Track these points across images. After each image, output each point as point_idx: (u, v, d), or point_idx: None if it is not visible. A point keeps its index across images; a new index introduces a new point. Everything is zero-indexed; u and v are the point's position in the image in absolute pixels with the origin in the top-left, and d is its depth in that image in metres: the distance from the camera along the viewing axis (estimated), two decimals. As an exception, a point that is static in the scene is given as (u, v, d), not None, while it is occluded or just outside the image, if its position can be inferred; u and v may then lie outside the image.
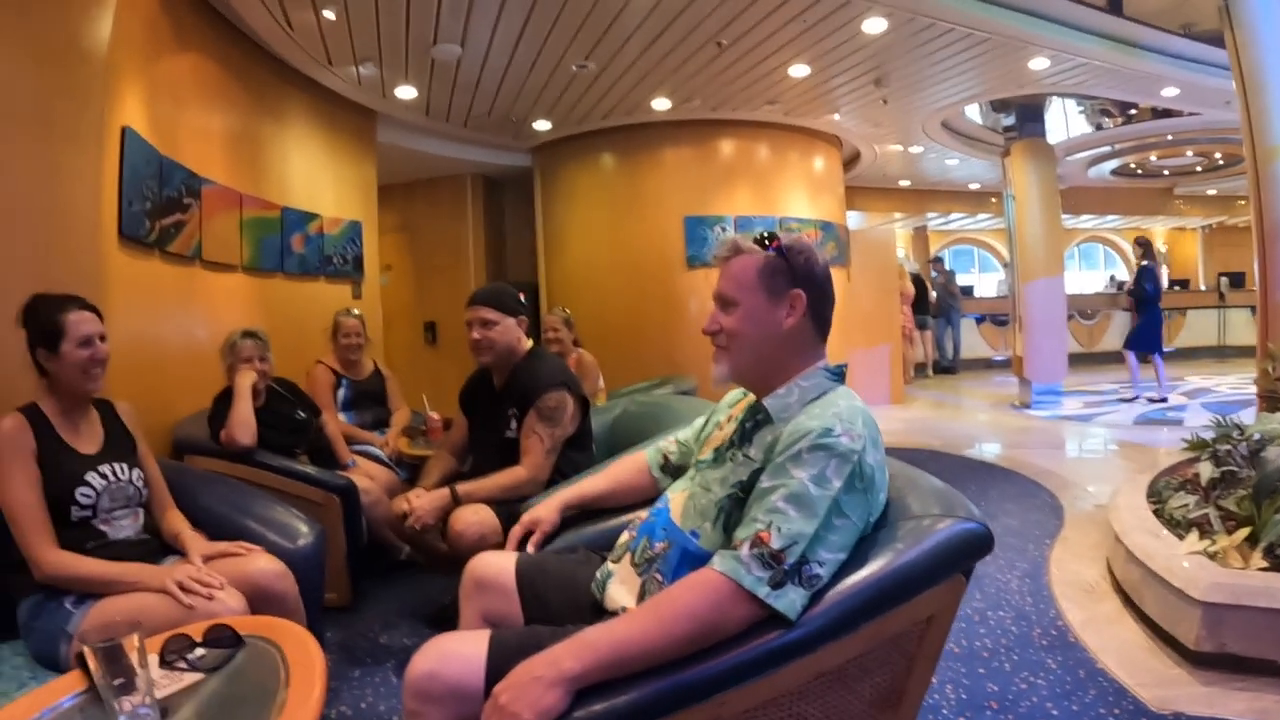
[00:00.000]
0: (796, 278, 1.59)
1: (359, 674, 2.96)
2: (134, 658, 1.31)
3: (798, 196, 8.77)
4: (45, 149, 3.01)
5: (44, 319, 2.27)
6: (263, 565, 2.25)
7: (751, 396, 1.70)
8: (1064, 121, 10.26)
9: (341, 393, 4.66)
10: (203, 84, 4.67)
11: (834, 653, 1.35)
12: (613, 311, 8.03)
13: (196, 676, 1.54)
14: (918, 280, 13.11)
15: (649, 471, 2.11)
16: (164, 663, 1.57)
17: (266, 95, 5.54)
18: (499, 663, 1.40)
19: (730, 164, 8.37)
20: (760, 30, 5.73)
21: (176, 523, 2.46)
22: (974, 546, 1.41)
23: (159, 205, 3.92)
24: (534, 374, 2.93)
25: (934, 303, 13.21)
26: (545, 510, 2.14)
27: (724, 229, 8.09)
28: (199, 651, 1.62)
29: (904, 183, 13.08)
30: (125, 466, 2.36)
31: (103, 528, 2.26)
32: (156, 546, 2.38)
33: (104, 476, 2.29)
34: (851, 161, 10.48)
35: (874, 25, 5.68)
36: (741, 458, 1.57)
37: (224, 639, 1.66)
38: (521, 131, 8.17)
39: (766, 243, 1.61)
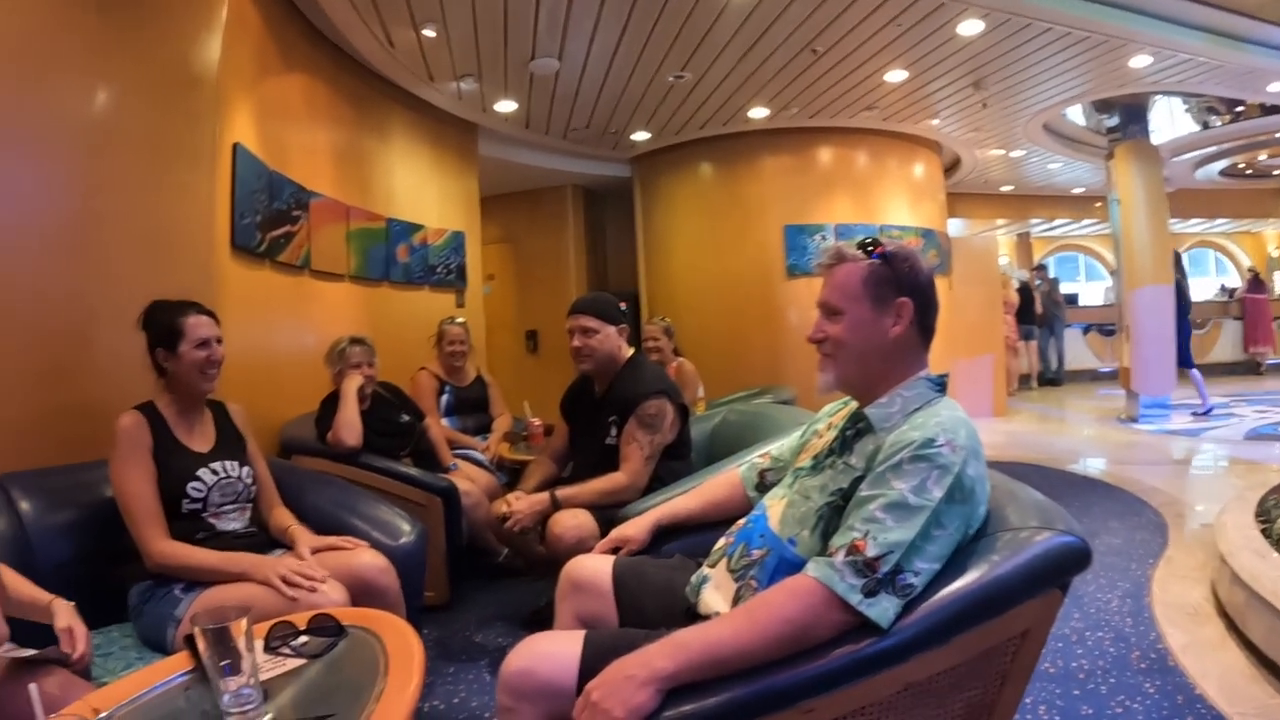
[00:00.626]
0: (902, 286, 1.57)
1: (453, 670, 3.04)
2: (241, 641, 1.35)
3: (898, 203, 8.59)
4: (162, 166, 3.17)
5: (164, 322, 2.38)
6: (367, 560, 2.30)
7: (853, 405, 1.68)
8: (1169, 121, 9.75)
9: (444, 398, 4.75)
10: (309, 102, 4.85)
11: (924, 664, 1.33)
12: (713, 320, 7.99)
13: (299, 662, 1.58)
14: (1023, 289, 12.65)
15: (742, 489, 2.08)
16: (268, 648, 1.61)
17: (371, 111, 5.72)
18: (592, 662, 1.42)
19: (829, 172, 8.25)
20: (855, 36, 5.64)
21: (284, 517, 2.54)
22: (1072, 560, 1.38)
23: (269, 217, 4.09)
24: (634, 382, 2.93)
25: (1039, 312, 12.71)
26: (635, 529, 2.15)
27: (824, 237, 7.98)
28: (302, 639, 1.66)
29: (1006, 188, 12.64)
30: (235, 464, 2.45)
31: (211, 520, 2.35)
32: (263, 540, 2.46)
33: (214, 473, 2.38)
34: (952, 167, 10.21)
35: (970, 27, 5.52)
36: (842, 465, 1.56)
37: (327, 628, 1.69)
38: (620, 142, 8.22)
39: (870, 250, 1.59)
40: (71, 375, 2.79)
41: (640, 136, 8.06)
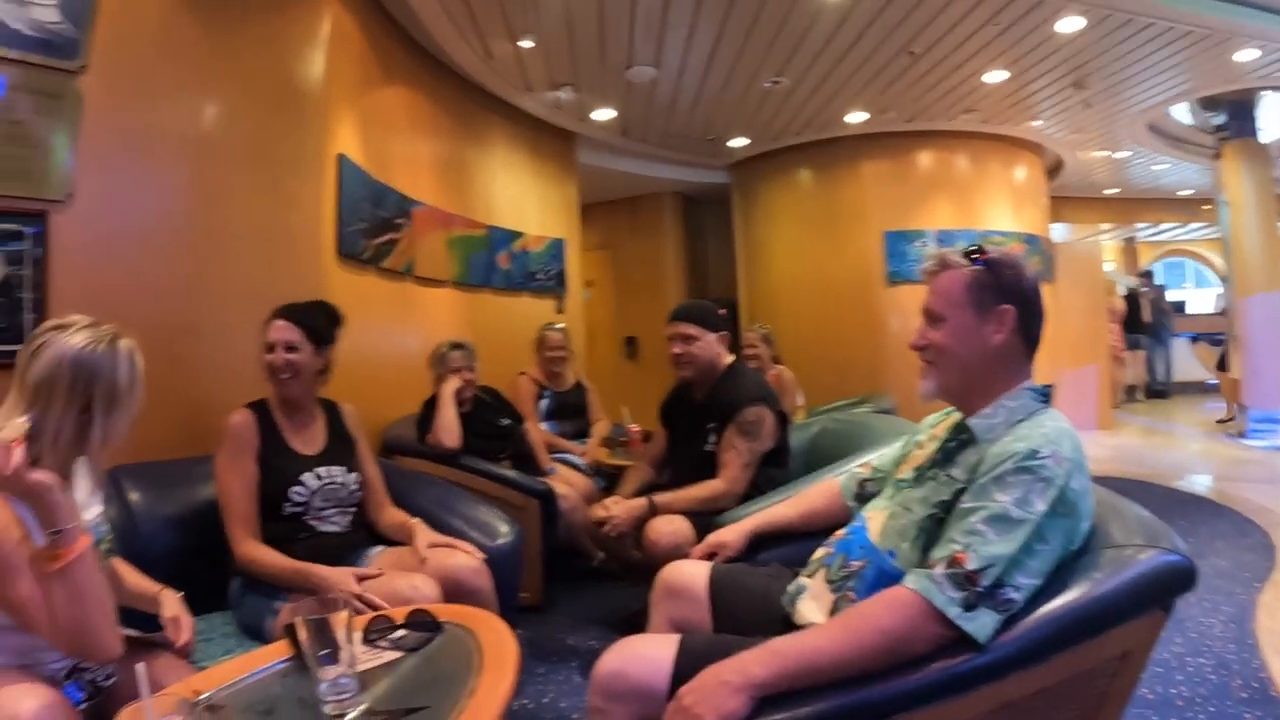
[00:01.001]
0: (1005, 292, 1.54)
1: (544, 670, 3.06)
2: (340, 632, 1.37)
3: (1000, 208, 8.30)
4: (271, 176, 3.30)
5: (264, 324, 2.48)
6: (462, 560, 2.31)
7: (955, 416, 1.66)
8: (1280, 118, 9.15)
9: (544, 403, 4.79)
10: (410, 113, 4.97)
11: (1022, 682, 1.30)
12: (813, 328, 7.87)
13: (396, 655, 1.60)
14: (1130, 297, 12.06)
15: (841, 499, 2.04)
16: (366, 640, 1.64)
17: (471, 121, 5.83)
18: (686, 666, 1.42)
19: (929, 176, 8.03)
20: (953, 37, 5.48)
21: (399, 515, 2.57)
22: (1177, 581, 1.34)
23: (373, 225, 4.20)
24: (734, 389, 2.91)
25: (1146, 321, 12.07)
26: (732, 535, 2.14)
27: (925, 243, 7.76)
28: (400, 632, 1.68)
29: (1110, 191, 12.05)
30: (342, 470, 2.48)
31: (312, 523, 2.40)
32: (362, 539, 2.51)
33: (319, 478, 2.42)
34: (1054, 170, 9.81)
35: (1070, 24, 5.29)
36: (944, 477, 1.54)
37: (424, 623, 1.71)
38: (718, 149, 8.19)
39: (974, 256, 1.57)
40: (185, 373, 2.94)
41: (738, 143, 8.01)
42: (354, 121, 4.07)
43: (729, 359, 3.05)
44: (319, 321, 2.54)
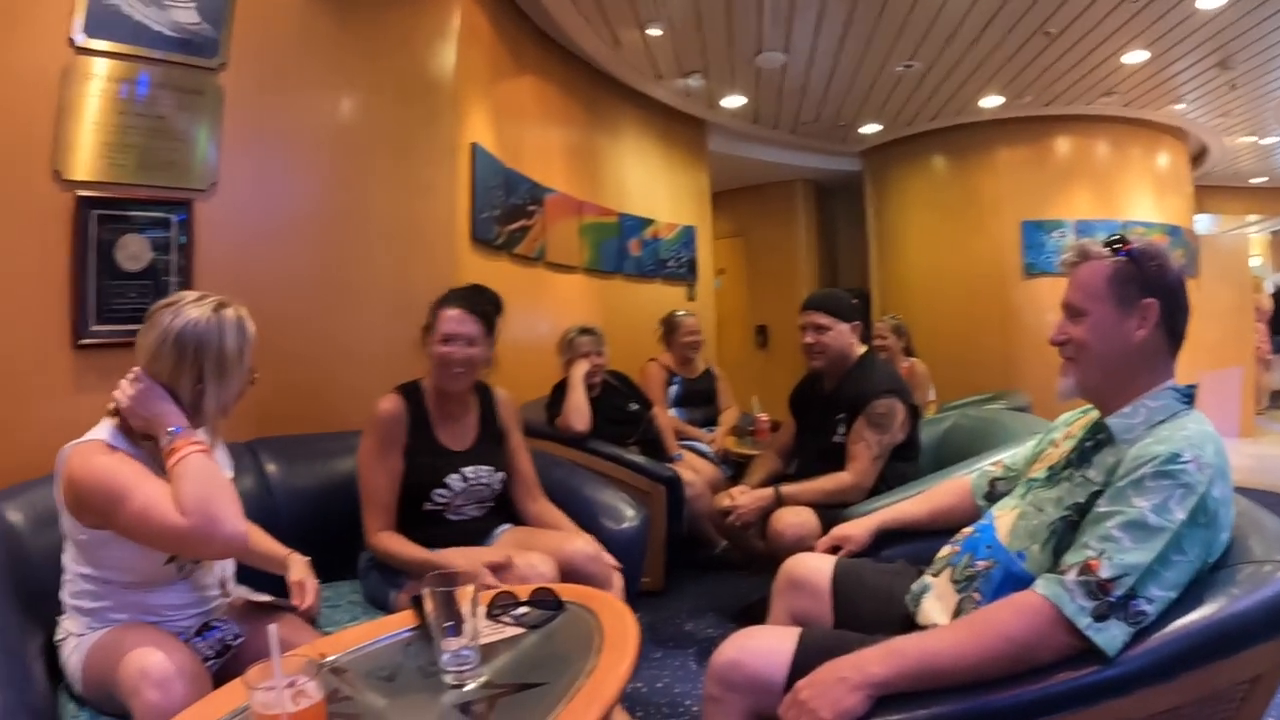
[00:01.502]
0: (1148, 285, 1.45)
1: (660, 655, 3.09)
2: (466, 606, 1.39)
3: (1141, 197, 7.76)
4: (408, 166, 3.41)
5: (433, 308, 2.42)
6: (579, 545, 2.28)
7: (1092, 415, 1.58)
8: None
9: (673, 390, 4.78)
10: (541, 102, 5.05)
11: (1146, 700, 1.24)
12: (946, 320, 7.57)
13: (517, 631, 1.62)
14: (1277, 294, 11.07)
15: (971, 498, 1.97)
16: (490, 615, 1.67)
17: (601, 110, 5.87)
18: (804, 660, 1.41)
19: (1067, 163, 7.57)
20: (1090, 15, 5.13)
21: (550, 513, 2.54)
22: None
23: (506, 212, 4.29)
24: (865, 380, 2.86)
25: None
26: (857, 530, 2.11)
27: (1063, 234, 7.33)
28: (523, 609, 1.70)
29: (1258, 180, 11.05)
30: (489, 469, 2.45)
31: (450, 518, 2.42)
32: (493, 523, 2.52)
33: (464, 479, 2.40)
34: (1198, 157, 9.07)
35: (1212, 0, 4.89)
36: (1079, 478, 1.47)
37: (547, 601, 1.73)
38: (850, 135, 7.99)
39: (1116, 247, 1.49)
40: (323, 354, 3.10)
41: (870, 129, 7.78)
42: (486, 111, 4.15)
43: (861, 350, 2.99)
44: (491, 311, 2.45)
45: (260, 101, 2.92)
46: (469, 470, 2.40)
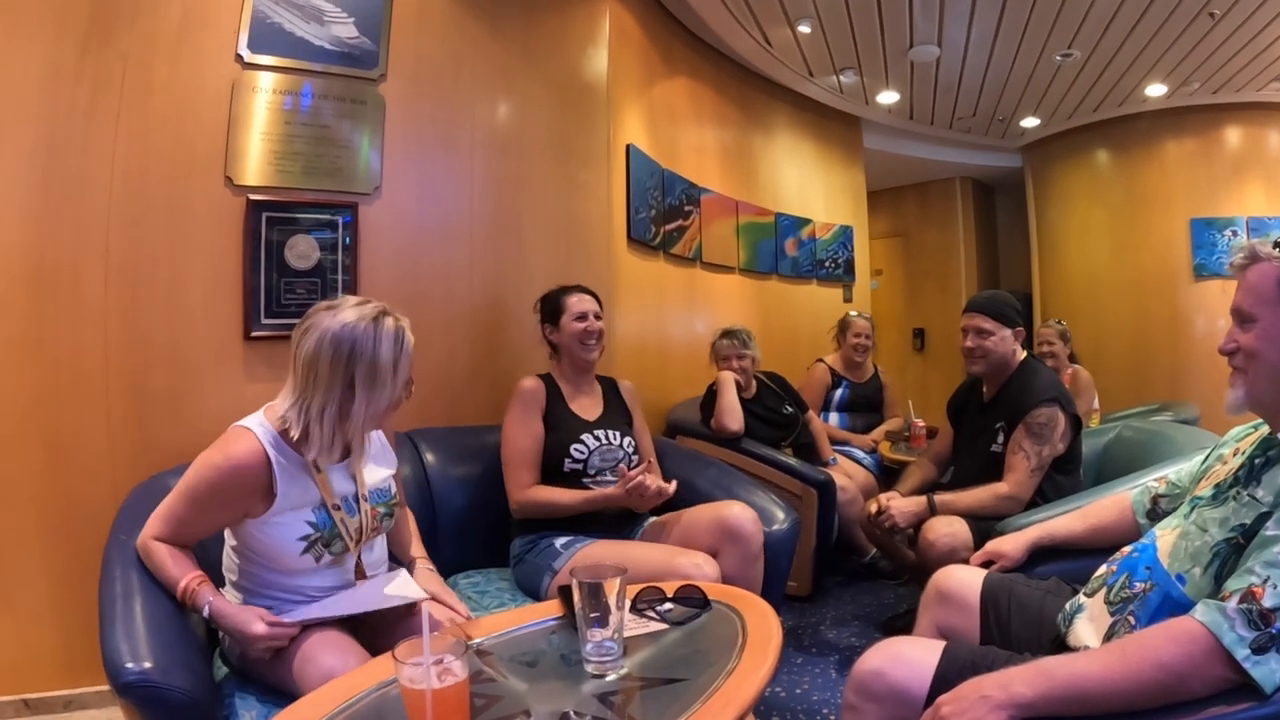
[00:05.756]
0: None
1: (801, 660, 3.05)
2: (612, 599, 1.41)
3: None
4: (565, 168, 3.50)
5: (550, 302, 2.75)
6: (738, 510, 2.36)
7: (1264, 430, 1.46)
8: None
9: (839, 393, 4.68)
10: (694, 103, 5.07)
11: None
12: (1110, 325, 7.13)
13: (662, 626, 1.62)
14: None
15: (1132, 515, 1.87)
16: (635, 609, 1.67)
17: (754, 109, 5.83)
18: (949, 674, 1.38)
19: (1239, 155, 6.97)
20: None
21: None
22: None
23: (662, 212, 4.34)
24: (1027, 387, 2.73)
25: None
26: (1011, 545, 2.02)
27: (1235, 232, 6.76)
28: (668, 605, 1.71)
29: None
30: (617, 434, 2.67)
31: (589, 483, 2.54)
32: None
33: (597, 439, 2.61)
34: None
35: None
36: (1246, 498, 1.37)
37: (693, 599, 1.73)
38: (1009, 130, 7.64)
39: None
40: (485, 351, 3.23)
41: (1029, 123, 7.42)
42: (640, 113, 4.20)
43: (1023, 355, 2.86)
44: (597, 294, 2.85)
45: (420, 109, 3.08)
46: (599, 433, 2.63)
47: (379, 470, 1.94)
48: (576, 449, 2.56)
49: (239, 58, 2.74)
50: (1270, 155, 7.01)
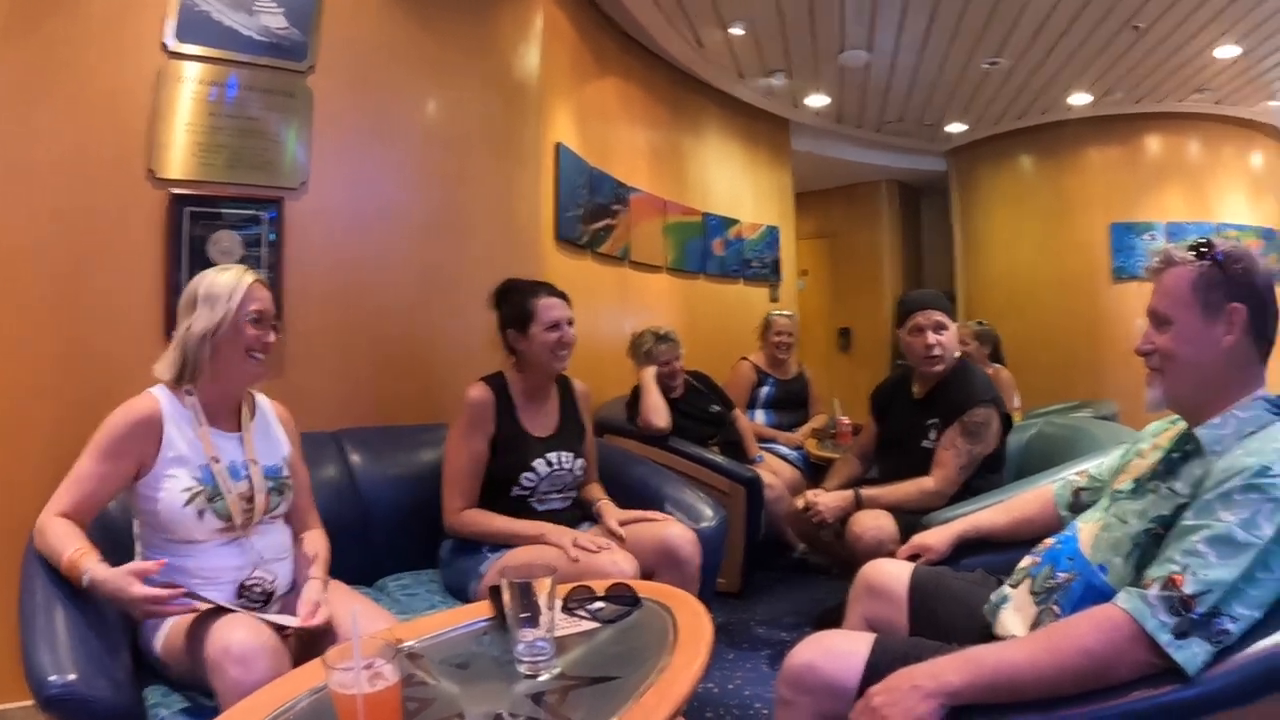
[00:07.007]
0: (1234, 289, 1.40)
1: (733, 657, 3.07)
2: (543, 598, 1.41)
3: (1235, 199, 7.43)
4: (493, 166, 3.46)
5: (517, 303, 2.51)
6: (676, 531, 2.34)
7: (1180, 425, 1.53)
8: None
9: (765, 390, 4.72)
10: (624, 103, 5.08)
11: None
12: (1033, 325, 7.36)
13: (593, 625, 1.63)
14: None
15: (1054, 508, 1.92)
16: (566, 609, 1.68)
17: (684, 110, 5.87)
18: (880, 666, 1.39)
19: (1158, 163, 7.32)
20: (1179, 9, 4.93)
21: (596, 491, 2.63)
22: None
23: (590, 211, 4.34)
24: (965, 386, 2.77)
25: None
26: (936, 539, 2.06)
27: (1154, 237, 7.09)
28: (599, 604, 1.71)
29: None
30: (570, 456, 2.54)
31: (535, 505, 2.47)
32: (577, 516, 2.57)
33: (549, 464, 2.48)
34: None
35: None
36: (1165, 490, 1.42)
37: (624, 597, 1.74)
38: (935, 135, 7.85)
39: (1202, 251, 1.44)
40: (416, 349, 3.17)
41: (956, 128, 7.63)
42: (571, 111, 4.20)
43: (959, 354, 2.90)
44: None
45: (349, 103, 3.01)
46: (552, 455, 2.48)
47: (271, 448, 1.97)
48: (526, 477, 2.44)
49: (164, 47, 2.63)
50: (1189, 163, 7.35)
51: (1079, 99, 6.81)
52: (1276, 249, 7.48)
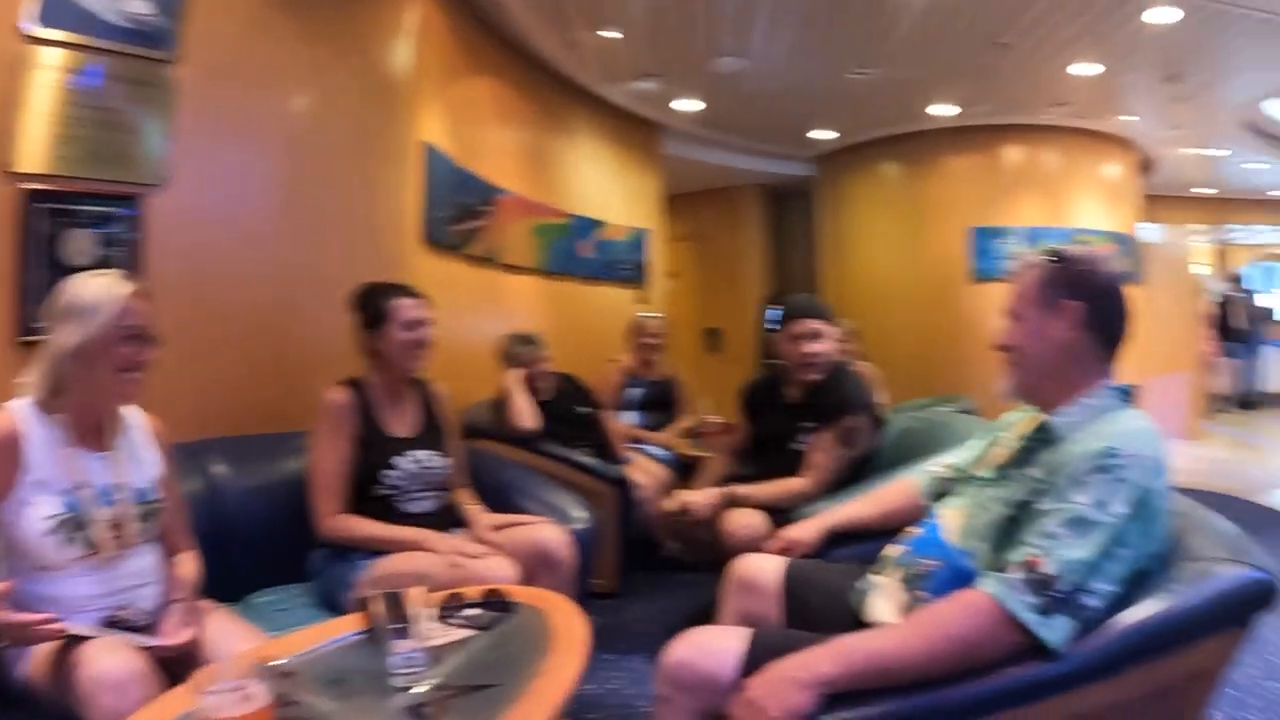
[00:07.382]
0: (1074, 289, 1.53)
1: (613, 657, 3.07)
2: (414, 608, 1.39)
3: (1090, 206, 7.97)
4: (360, 164, 3.38)
5: (373, 304, 2.50)
6: (550, 533, 2.36)
7: (1038, 415, 1.62)
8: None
9: (635, 392, 4.76)
10: (496, 103, 5.03)
11: (1094, 695, 1.27)
12: (897, 324, 7.68)
13: (468, 633, 1.63)
14: (1225, 301, 11.33)
15: (920, 497, 2.01)
16: (440, 617, 1.66)
17: (555, 111, 5.86)
18: (755, 659, 1.42)
19: (1018, 172, 7.76)
20: (1041, 27, 5.21)
21: (465, 498, 2.62)
22: (1258, 598, 1.30)
23: (458, 212, 4.28)
24: (841, 392, 2.85)
25: (1239, 328, 11.20)
26: (805, 532, 2.13)
27: (1012, 241, 7.53)
28: (473, 610, 1.71)
29: (1204, 191, 11.30)
30: (434, 454, 2.51)
31: (402, 505, 2.42)
32: (449, 520, 2.52)
33: (414, 461, 2.45)
34: (1148, 168, 9.30)
35: (1163, 15, 4.94)
36: (1023, 477, 1.51)
37: (498, 603, 1.74)
38: (804, 142, 8.05)
39: (1051, 255, 1.59)
40: (276, 353, 3.04)
41: (824, 135, 7.86)
42: (440, 111, 4.13)
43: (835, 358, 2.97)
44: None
45: (214, 96, 2.84)
46: (415, 454, 2.46)
47: (141, 469, 1.84)
48: (387, 475, 2.40)
49: (20, 31, 2.38)
50: (1047, 172, 7.79)
51: (942, 110, 7.09)
52: (1129, 253, 8.07)
